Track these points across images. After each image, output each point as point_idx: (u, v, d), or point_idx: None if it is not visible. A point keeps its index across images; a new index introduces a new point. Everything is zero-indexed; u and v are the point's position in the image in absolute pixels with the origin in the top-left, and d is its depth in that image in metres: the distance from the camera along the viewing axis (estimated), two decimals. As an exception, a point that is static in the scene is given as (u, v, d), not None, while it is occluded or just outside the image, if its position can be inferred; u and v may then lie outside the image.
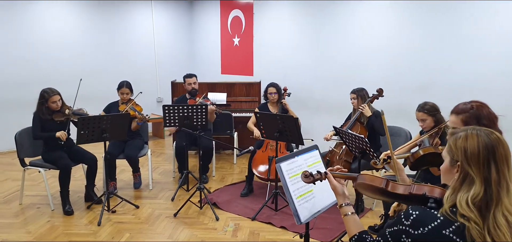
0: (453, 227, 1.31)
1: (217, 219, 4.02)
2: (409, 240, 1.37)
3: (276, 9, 7.04)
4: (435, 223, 1.34)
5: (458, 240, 1.30)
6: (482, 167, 1.33)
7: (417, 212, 1.37)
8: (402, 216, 1.40)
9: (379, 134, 4.33)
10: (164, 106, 4.39)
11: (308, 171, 1.90)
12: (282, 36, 6.99)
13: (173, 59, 8.53)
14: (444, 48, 5.00)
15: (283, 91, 5.08)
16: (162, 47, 8.38)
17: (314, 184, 1.93)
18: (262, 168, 4.57)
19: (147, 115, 4.70)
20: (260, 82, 6.76)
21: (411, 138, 4.34)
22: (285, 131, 4.04)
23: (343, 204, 1.76)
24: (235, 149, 6.21)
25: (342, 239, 3.45)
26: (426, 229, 1.33)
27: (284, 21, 6.94)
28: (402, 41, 5.43)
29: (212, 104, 5.16)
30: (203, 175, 5.15)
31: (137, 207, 4.32)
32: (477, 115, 2.31)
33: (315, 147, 2.60)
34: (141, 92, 4.97)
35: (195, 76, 5.39)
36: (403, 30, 5.42)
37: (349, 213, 1.72)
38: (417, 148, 3.28)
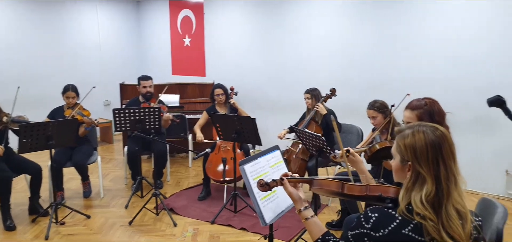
0: (411, 225, 1.35)
1: (175, 225, 3.90)
2: None
3: (227, 9, 6.98)
4: (394, 223, 1.37)
5: (417, 237, 1.34)
6: (431, 166, 1.36)
7: (376, 215, 1.40)
8: (363, 220, 1.42)
9: (334, 132, 4.41)
10: (114, 110, 4.20)
11: (263, 180, 1.88)
12: (234, 36, 6.95)
13: (121, 60, 8.20)
14: (391, 48, 5.21)
15: (230, 91, 5.03)
16: (108, 48, 8.02)
17: (270, 191, 1.92)
18: (217, 170, 4.50)
19: (95, 120, 4.47)
20: (213, 82, 6.65)
21: (362, 135, 4.48)
22: (242, 131, 4.00)
23: (302, 209, 1.75)
24: (190, 152, 6.07)
25: (302, 236, 3.47)
26: (387, 230, 1.36)
27: (235, 21, 6.90)
28: (352, 41, 5.59)
29: (169, 112, 4.97)
30: (158, 180, 4.98)
31: (88, 217, 4.09)
32: (430, 111, 2.41)
33: (276, 148, 2.58)
34: (94, 87, 4.68)
35: (151, 79, 5.14)
36: (352, 30, 5.57)
37: (309, 217, 1.72)
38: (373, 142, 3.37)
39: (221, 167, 4.43)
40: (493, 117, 4.42)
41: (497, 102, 1.60)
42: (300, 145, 4.37)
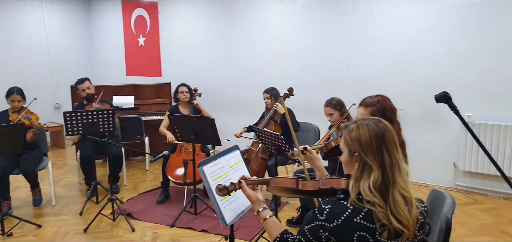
0: (363, 213, 1.42)
1: (133, 230, 3.79)
2: (326, 233, 1.44)
3: (182, 8, 6.88)
4: (347, 213, 1.43)
5: (368, 224, 1.41)
6: (376, 154, 1.45)
7: (329, 206, 1.45)
8: (317, 212, 1.47)
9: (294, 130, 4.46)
10: (65, 113, 4.01)
11: (221, 185, 1.89)
12: (191, 36, 6.86)
13: (71, 62, 7.85)
14: (343, 47, 5.38)
15: (194, 92, 4.98)
16: (58, 49, 7.63)
17: (229, 195, 1.92)
18: (177, 172, 4.42)
19: (45, 124, 4.25)
20: (170, 83, 6.55)
21: (320, 133, 4.57)
22: (201, 132, 3.96)
23: (260, 210, 1.78)
24: (147, 155, 5.93)
25: (263, 235, 3.49)
26: (340, 220, 1.42)
27: (191, 20, 6.82)
28: (306, 41, 5.69)
29: (111, 108, 4.82)
30: (114, 185, 4.82)
31: (39, 226, 3.88)
32: (383, 107, 2.49)
33: (236, 147, 2.58)
34: (35, 99, 4.45)
35: (88, 80, 4.95)
36: (306, 30, 5.68)
37: (268, 217, 1.75)
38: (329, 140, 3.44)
39: (182, 169, 4.35)
40: (440, 112, 4.67)
41: (443, 98, 1.70)
42: (260, 145, 4.39)
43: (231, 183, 1.90)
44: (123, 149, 4.83)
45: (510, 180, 1.82)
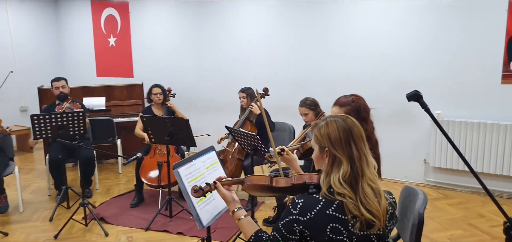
0: (334, 205, 1.47)
1: (107, 234, 3.69)
2: (301, 227, 1.47)
3: (154, 8, 6.77)
4: (319, 206, 1.47)
5: (340, 216, 1.46)
6: (345, 148, 1.51)
7: (302, 200, 1.49)
8: (291, 207, 1.51)
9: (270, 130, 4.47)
10: (32, 116, 3.87)
11: (197, 186, 1.90)
12: (163, 36, 6.77)
13: (38, 63, 7.59)
14: (316, 48, 5.44)
15: (167, 92, 4.91)
16: (23, 50, 7.36)
17: (205, 197, 1.92)
18: (152, 175, 4.35)
19: (8, 127, 4.08)
20: (142, 84, 6.44)
21: (295, 132, 4.59)
22: (175, 133, 3.90)
23: (235, 210, 1.80)
24: (120, 158, 5.80)
25: (240, 236, 3.47)
26: (313, 213, 1.46)
27: (163, 20, 6.73)
28: (279, 41, 5.73)
29: (80, 108, 4.70)
30: (86, 189, 4.69)
31: (6, 234, 3.73)
32: (357, 107, 2.53)
33: (212, 148, 2.56)
34: (11, 71, 4.19)
35: (64, 80, 4.82)
36: (278, 31, 5.72)
37: (242, 217, 1.77)
38: (305, 140, 3.46)
39: (156, 171, 4.28)
40: (411, 111, 4.80)
41: (414, 96, 1.74)
42: (236, 145, 4.38)
43: (207, 183, 1.91)
44: (94, 151, 4.70)
45: (478, 175, 1.88)
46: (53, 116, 3.91)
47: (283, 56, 5.72)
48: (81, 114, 4.04)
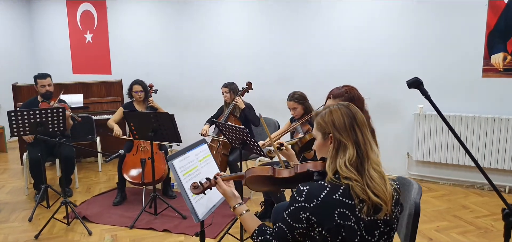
0: (341, 190, 1.45)
1: (90, 233, 3.57)
2: (307, 213, 1.45)
3: (132, 3, 6.61)
4: (325, 191, 1.46)
5: (347, 200, 1.44)
6: (350, 132, 1.52)
7: (307, 187, 1.48)
8: (296, 195, 1.49)
9: (253, 125, 4.45)
10: (9, 112, 3.70)
11: (196, 182, 1.87)
12: (142, 31, 6.62)
13: (11, 60, 7.29)
14: (299, 44, 5.44)
15: (149, 88, 4.79)
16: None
17: (204, 193, 1.88)
18: (134, 172, 4.23)
19: None
20: (121, 80, 6.29)
21: (279, 127, 4.57)
22: (160, 129, 3.81)
23: (236, 205, 1.79)
24: (99, 156, 5.64)
25: (229, 232, 3.42)
26: (319, 199, 1.44)
27: (142, 15, 6.58)
28: (261, 37, 5.70)
29: (69, 109, 4.54)
30: (67, 188, 4.52)
31: (-18, 236, 3.56)
32: (351, 97, 2.52)
33: (203, 141, 2.51)
34: None
35: (49, 77, 4.59)
36: (260, 26, 5.69)
37: (244, 212, 1.76)
38: (300, 134, 3.43)
39: (139, 169, 4.17)
40: (393, 104, 4.86)
41: (415, 83, 1.73)
42: (221, 141, 4.32)
43: (207, 179, 1.87)
44: (74, 149, 4.54)
45: (482, 167, 1.89)
46: (31, 112, 3.74)
47: (266, 52, 5.69)
48: (61, 110, 3.88)
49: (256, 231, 1.65)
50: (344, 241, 1.44)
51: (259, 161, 4.53)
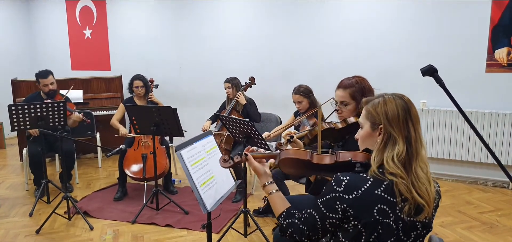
0: (383, 186, 1.38)
1: (92, 228, 3.53)
2: (345, 205, 1.38)
3: (133, -1, 6.58)
4: (367, 184, 1.39)
5: (388, 197, 1.37)
6: (402, 127, 1.43)
7: (348, 178, 1.41)
8: (334, 184, 1.42)
9: (254, 121, 4.41)
10: (10, 106, 3.64)
11: (226, 156, 1.82)
12: (142, 27, 6.57)
13: (10, 55, 7.23)
14: (300, 38, 5.41)
15: (150, 83, 4.74)
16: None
17: (235, 168, 1.83)
18: (136, 167, 4.19)
19: None
20: (121, 76, 6.24)
21: (281, 122, 4.54)
22: (162, 123, 3.76)
23: (267, 183, 1.74)
24: (99, 152, 5.58)
25: (232, 226, 3.38)
26: (360, 192, 1.37)
27: (142, 11, 6.52)
28: (262, 32, 5.67)
29: (63, 100, 4.46)
30: (67, 183, 4.46)
31: (-17, 230, 3.50)
32: (362, 87, 2.47)
33: (210, 133, 2.47)
34: None
35: (51, 74, 4.51)
36: (261, 21, 5.66)
37: (274, 191, 1.70)
38: (307, 127, 3.40)
39: (140, 164, 4.13)
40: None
41: (429, 71, 1.71)
42: (224, 136, 4.28)
43: (238, 154, 1.82)
44: (74, 144, 4.49)
45: (502, 164, 1.86)
46: (32, 106, 3.69)
47: (267, 47, 5.65)
48: (61, 104, 3.83)
49: (284, 213, 1.61)
50: (379, 239, 1.38)
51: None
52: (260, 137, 3.23)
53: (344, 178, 1.40)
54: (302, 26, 5.35)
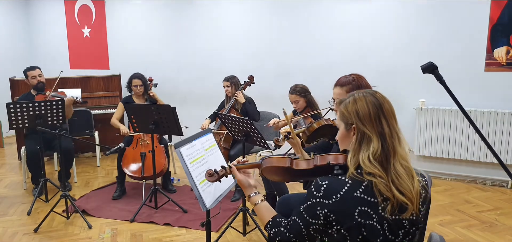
0: (362, 187, 1.35)
1: (90, 227, 3.51)
2: (325, 210, 1.36)
3: (132, -2, 6.56)
4: (346, 188, 1.35)
5: (369, 198, 1.34)
6: (375, 124, 1.40)
7: (326, 182, 1.38)
8: (313, 190, 1.39)
9: (253, 120, 4.40)
10: (8, 104, 3.64)
11: (211, 170, 1.79)
12: (140, 26, 6.55)
13: (8, 54, 7.21)
14: (298, 38, 5.40)
15: (149, 82, 4.73)
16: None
17: (220, 181, 1.81)
18: (134, 166, 4.18)
19: None
20: (119, 75, 6.23)
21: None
22: (161, 122, 3.75)
23: (251, 195, 1.72)
24: (97, 151, 5.56)
25: (231, 225, 3.37)
26: (339, 196, 1.35)
27: (140, 10, 6.51)
28: (260, 31, 5.66)
29: (61, 98, 4.46)
30: (66, 182, 4.45)
31: (-19, 229, 3.49)
32: (359, 85, 2.48)
33: (209, 131, 2.47)
34: None
35: (39, 68, 4.57)
36: (259, 20, 5.64)
37: (259, 201, 1.69)
38: (303, 127, 3.39)
39: (139, 163, 4.11)
40: (395, 99, 4.79)
41: (430, 68, 1.70)
42: (223, 135, 4.27)
43: (222, 167, 1.80)
44: (72, 143, 4.48)
45: (504, 163, 1.86)
46: (30, 105, 3.68)
47: (265, 46, 5.64)
48: (60, 102, 3.82)
49: (270, 223, 1.58)
50: (365, 241, 1.34)
51: (260, 155, 4.48)
52: (259, 135, 3.23)
53: (323, 183, 1.38)
54: (301, 24, 5.34)
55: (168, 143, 4.68)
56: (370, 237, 1.33)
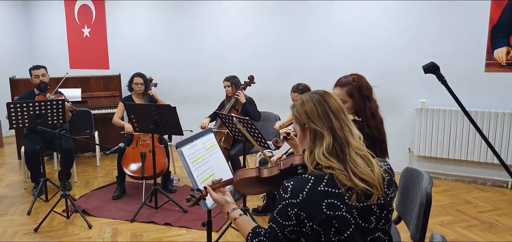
0: (325, 180, 1.40)
1: (90, 226, 3.51)
2: (295, 209, 1.38)
3: (132, -2, 6.55)
4: (309, 184, 1.40)
5: (333, 190, 1.38)
6: (324, 119, 1.46)
7: (292, 183, 1.42)
8: (282, 192, 1.43)
9: (253, 120, 4.40)
10: (8, 104, 3.64)
11: (188, 195, 1.78)
12: (140, 26, 6.55)
13: (8, 54, 7.21)
14: (299, 38, 5.41)
15: (149, 82, 4.73)
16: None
17: (198, 204, 1.81)
18: (134, 166, 4.17)
19: None
20: (119, 75, 6.22)
21: (280, 120, 4.53)
22: (161, 122, 3.75)
23: (229, 211, 1.73)
24: (97, 151, 5.56)
25: (232, 225, 3.38)
26: (304, 192, 1.38)
27: (140, 10, 6.50)
28: (260, 32, 5.66)
29: (67, 100, 4.47)
30: (66, 182, 4.44)
31: (-19, 229, 3.48)
32: (359, 85, 2.48)
33: (210, 131, 2.47)
34: None
35: (44, 68, 4.56)
36: (260, 21, 5.65)
37: (238, 216, 1.70)
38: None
39: (139, 163, 4.11)
40: (395, 99, 4.83)
41: (431, 68, 1.70)
42: (223, 135, 4.27)
43: (197, 190, 1.80)
44: (72, 142, 4.48)
45: (506, 164, 1.86)
46: (30, 104, 3.68)
47: (266, 47, 5.64)
48: (60, 102, 3.82)
49: (250, 234, 1.60)
50: (338, 233, 1.37)
51: (260, 156, 4.48)
52: (260, 135, 3.23)
53: (289, 184, 1.41)
54: (302, 24, 5.34)
55: (168, 143, 4.67)
56: (343, 228, 1.36)
